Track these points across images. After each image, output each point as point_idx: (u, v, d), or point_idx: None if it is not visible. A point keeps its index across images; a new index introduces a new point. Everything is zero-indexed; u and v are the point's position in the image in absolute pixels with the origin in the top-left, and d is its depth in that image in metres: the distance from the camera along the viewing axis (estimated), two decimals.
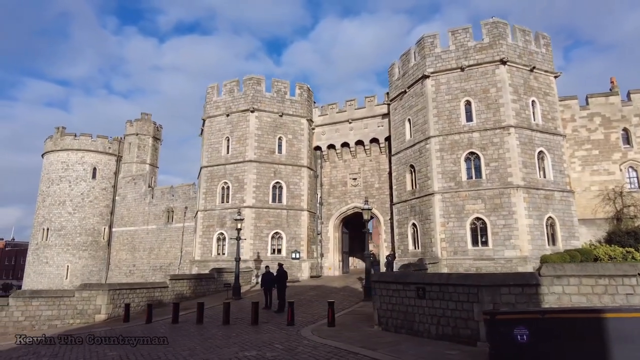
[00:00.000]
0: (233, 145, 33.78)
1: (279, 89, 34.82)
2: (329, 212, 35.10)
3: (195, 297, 24.49)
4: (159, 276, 42.15)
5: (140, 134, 51.82)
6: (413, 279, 12.40)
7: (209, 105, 35.78)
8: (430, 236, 26.05)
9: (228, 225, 32.27)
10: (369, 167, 34.30)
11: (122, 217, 48.24)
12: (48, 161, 49.68)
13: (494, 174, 24.90)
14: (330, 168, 35.91)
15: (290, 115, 34.57)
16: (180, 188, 44.76)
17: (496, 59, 25.95)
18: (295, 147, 34.29)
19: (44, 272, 46.11)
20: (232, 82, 35.16)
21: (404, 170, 29.44)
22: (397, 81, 31.38)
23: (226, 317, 15.88)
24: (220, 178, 33.64)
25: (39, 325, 17.95)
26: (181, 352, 11.31)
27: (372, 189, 33.65)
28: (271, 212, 32.35)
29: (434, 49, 28.08)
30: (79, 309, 18.66)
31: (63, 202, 47.55)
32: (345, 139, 34.80)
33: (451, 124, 26.57)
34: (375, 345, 10.60)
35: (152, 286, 22.25)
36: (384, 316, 13.12)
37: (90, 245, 47.46)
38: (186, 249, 41.80)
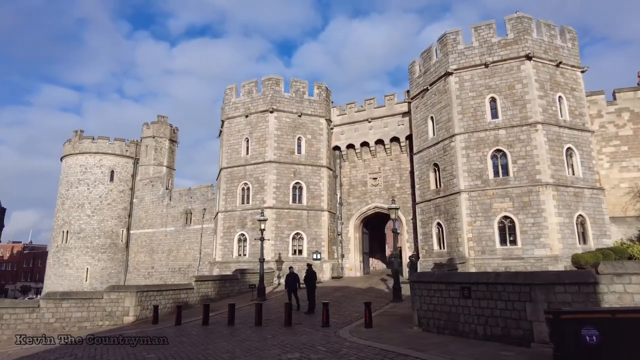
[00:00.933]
0: (252, 146, 33.66)
1: (298, 89, 34.63)
2: (349, 212, 34.78)
3: (220, 298, 24.37)
4: (178, 278, 42.23)
5: (157, 136, 52.05)
6: (457, 279, 12.06)
7: (227, 107, 35.73)
8: (456, 235, 25.60)
9: (249, 226, 32.15)
10: (389, 166, 33.92)
11: (140, 220, 48.42)
12: (67, 164, 50.10)
13: (521, 171, 24.38)
14: (349, 168, 35.60)
15: (309, 115, 34.36)
16: (198, 190, 44.79)
17: (521, 55, 25.45)
18: (315, 147, 34.06)
19: (64, 275, 46.44)
20: (250, 83, 35.08)
21: (427, 169, 29.02)
22: (418, 79, 30.98)
23: (258, 318, 15.66)
24: (240, 179, 33.53)
25: (69, 326, 17.91)
26: (221, 355, 11.09)
27: (393, 189, 33.25)
28: (292, 213, 32.14)
29: (456, 45, 27.65)
30: (107, 310, 18.60)
31: (82, 205, 47.89)
32: (365, 138, 34.48)
33: (476, 121, 26.11)
34: (422, 347, 10.28)
35: (178, 288, 22.15)
36: (425, 317, 12.78)
37: (109, 247, 47.72)
38: (205, 251, 41.79)
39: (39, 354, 13.19)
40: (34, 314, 17.60)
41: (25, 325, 17.41)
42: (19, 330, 17.29)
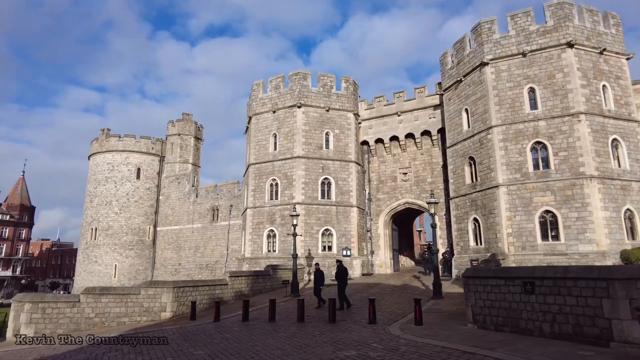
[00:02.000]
0: (280, 141, 33.35)
1: (325, 83, 34.15)
2: (378, 208, 34.16)
3: (253, 294, 24.12)
4: (205, 274, 42.32)
5: (182, 134, 52.30)
6: (519, 273, 11.40)
7: (254, 103, 35.48)
8: (495, 231, 24.75)
9: (278, 222, 31.88)
10: (420, 160, 33.17)
11: (167, 217, 48.73)
12: (94, 162, 50.77)
13: (563, 164, 23.39)
14: (378, 163, 34.97)
15: (337, 110, 33.84)
16: (224, 186, 44.78)
17: (562, 42, 24.40)
18: (343, 142, 33.53)
19: (93, 271, 47.10)
20: (277, 78, 34.75)
21: (462, 162, 28.19)
22: (451, 70, 30.13)
23: (300, 314, 15.28)
24: (268, 175, 33.27)
25: (108, 322, 17.91)
26: (272, 352, 10.71)
27: (425, 184, 32.51)
28: (321, 209, 31.72)
29: (492, 34, 26.72)
30: (145, 306, 18.51)
31: (109, 202, 48.46)
32: (394, 132, 33.78)
33: (514, 113, 25.18)
34: (487, 345, 9.69)
35: (214, 283, 21.97)
36: (480, 314, 12.18)
37: (137, 244, 48.18)
38: (232, 247, 41.74)
39: (84, 349, 13.07)
40: (74, 309, 17.64)
41: (67, 319, 17.47)
42: (61, 324, 17.37)
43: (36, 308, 17.31)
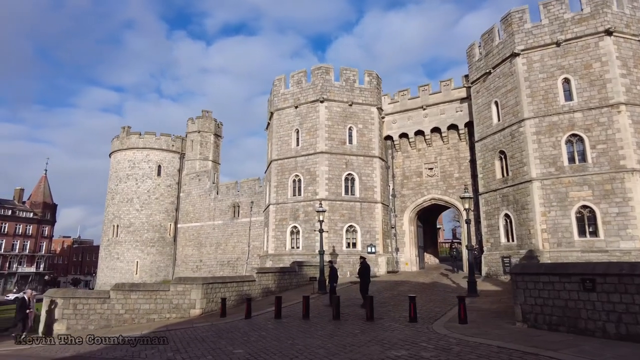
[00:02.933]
0: (303, 137, 32.92)
1: (348, 77, 33.58)
2: (403, 204, 33.50)
3: (280, 291, 23.72)
4: (227, 271, 42.24)
5: (202, 131, 52.30)
6: (576, 269, 10.73)
7: (276, 98, 35.12)
8: (528, 227, 23.93)
9: (301, 219, 31.50)
10: (446, 155, 32.40)
11: (187, 213, 48.81)
12: (115, 160, 51.09)
13: (601, 157, 22.44)
14: (402, 158, 34.29)
15: (360, 104, 33.26)
16: (245, 183, 44.60)
17: (600, 30, 23.41)
18: (366, 137, 32.95)
19: (115, 268, 47.44)
20: (299, 73, 34.31)
21: (492, 156, 27.37)
22: (479, 62, 29.28)
23: (336, 312, 14.80)
24: (291, 171, 32.89)
25: (138, 318, 17.69)
26: (315, 351, 10.26)
27: (452, 179, 31.74)
28: (344, 205, 31.22)
29: (523, 24, 25.82)
30: (174, 303, 18.25)
31: (131, 200, 48.72)
32: (419, 126, 33.06)
33: (548, 105, 24.28)
34: (548, 345, 9.08)
35: (242, 280, 21.66)
36: (531, 312, 11.54)
37: (158, 241, 48.37)
38: (253, 244, 41.55)
39: (119, 346, 12.83)
40: (105, 305, 17.47)
41: (97, 315, 17.31)
42: (92, 320, 17.22)
43: (68, 304, 17.18)
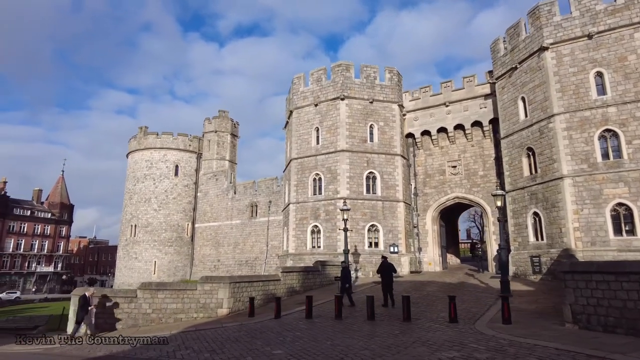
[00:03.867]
0: (323, 135, 32.54)
1: (368, 75, 33.12)
2: (426, 203, 32.90)
3: (304, 290, 23.38)
4: (245, 270, 42.03)
5: (219, 131, 52.25)
6: (633, 268, 10.15)
7: (295, 96, 34.79)
8: (558, 225, 23.21)
9: (322, 218, 31.11)
10: (470, 153, 31.73)
11: (205, 213, 48.77)
12: (133, 160, 51.27)
13: (638, 152, 21.64)
14: (424, 156, 33.69)
15: (381, 102, 32.76)
16: (263, 182, 44.37)
17: (635, 21, 22.59)
18: (387, 134, 32.43)
19: (133, 267, 47.56)
20: (319, 71, 33.95)
21: (519, 153, 26.68)
22: (504, 57, 28.59)
23: (370, 312, 14.38)
24: (311, 169, 32.53)
25: (165, 318, 17.46)
26: (360, 352, 9.87)
27: (476, 177, 31.07)
28: (366, 204, 30.74)
29: (551, 17, 25.09)
30: (201, 302, 17.98)
31: (148, 200, 48.83)
32: (442, 123, 32.43)
33: (579, 99, 23.54)
34: (611, 348, 8.57)
35: (267, 279, 21.33)
36: (583, 312, 10.99)
37: (175, 241, 48.40)
38: (272, 243, 41.29)
39: (158, 347, 12.57)
40: (132, 304, 17.28)
41: (125, 314, 17.13)
42: (119, 319, 17.03)
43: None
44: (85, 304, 15.42)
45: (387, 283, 17.55)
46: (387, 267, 17.97)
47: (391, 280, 17.72)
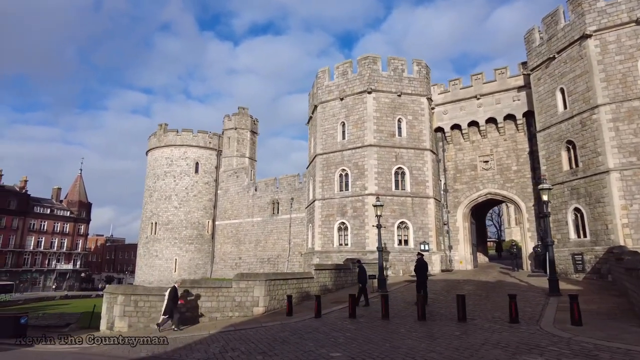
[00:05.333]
0: (349, 129, 31.75)
1: (396, 67, 32.21)
2: (456, 199, 31.90)
3: (336, 289, 22.71)
4: (267, 268, 41.46)
5: (239, 127, 51.76)
6: None
7: (320, 91, 34.04)
8: (604, 222, 22.09)
9: (349, 214, 30.34)
10: (503, 147, 30.64)
11: (226, 211, 48.33)
12: (153, 157, 51.05)
13: None
14: (454, 151, 32.68)
15: (409, 95, 31.83)
16: (284, 179, 43.74)
17: None
18: (416, 128, 31.50)
19: (154, 265, 47.34)
20: (344, 64, 33.16)
21: (558, 147, 25.56)
22: (540, 47, 27.45)
23: (421, 311, 13.57)
24: (337, 165, 31.77)
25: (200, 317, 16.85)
26: (426, 355, 9.10)
27: (509, 172, 29.99)
28: (395, 200, 29.86)
29: (595, 3, 23.91)
30: (237, 301, 17.35)
31: (169, 197, 48.55)
32: (473, 117, 31.39)
33: (626, 89, 22.37)
34: None
35: (301, 277, 20.65)
36: None
37: (196, 238, 48.06)
38: (294, 241, 40.65)
39: (185, 350, 11.95)
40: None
41: (158, 313, 16.52)
42: (153, 318, 16.45)
43: (129, 300, 16.52)
44: (175, 296, 15.25)
45: (422, 281, 17.03)
46: (424, 265, 17.45)
47: (425, 279, 17.21)
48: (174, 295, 15.30)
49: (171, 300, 15.16)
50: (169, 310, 15.12)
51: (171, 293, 15.38)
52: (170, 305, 15.13)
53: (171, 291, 15.46)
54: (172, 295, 15.30)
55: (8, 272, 67.44)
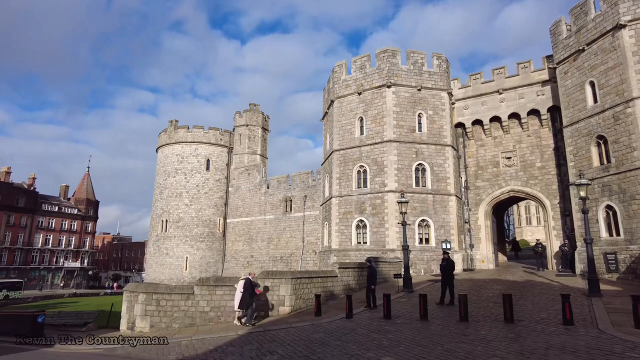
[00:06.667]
0: (368, 125, 30.95)
1: (415, 61, 31.37)
2: (478, 197, 31.04)
3: (359, 288, 21.89)
4: (280, 267, 40.77)
5: (250, 124, 51.06)
6: None
7: (337, 85, 33.26)
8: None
9: (368, 212, 29.56)
10: (526, 143, 29.74)
11: (237, 208, 47.66)
12: (163, 154, 50.44)
13: None
14: (476, 147, 31.81)
15: (429, 89, 30.99)
16: (297, 176, 42.99)
17: None
18: (437, 124, 30.66)
19: (164, 263, 46.75)
20: (362, 58, 32.36)
21: (587, 142, 24.67)
22: (567, 40, 26.55)
23: (464, 312, 12.79)
24: (354, 161, 30.99)
25: (224, 316, 16.15)
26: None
27: (533, 169, 29.10)
28: (415, 197, 29.03)
29: None
30: (262, 300, 16.60)
31: (180, 194, 47.94)
32: (495, 112, 30.52)
33: None
34: None
35: (325, 275, 19.91)
36: None
37: (207, 236, 47.43)
38: (308, 239, 39.92)
39: (218, 353, 11.23)
40: (189, 301, 16.03)
41: (182, 313, 15.90)
42: (176, 318, 15.83)
43: (150, 300, 15.86)
44: (252, 288, 14.79)
45: (449, 281, 16.58)
46: (452, 264, 17.01)
47: (452, 278, 16.87)
48: (251, 289, 14.65)
49: (248, 292, 14.53)
50: (246, 303, 14.50)
51: (247, 284, 14.70)
52: (247, 298, 14.50)
53: (246, 283, 14.78)
54: (249, 286, 14.64)
55: (17, 269, 67.19)
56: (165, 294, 16.05)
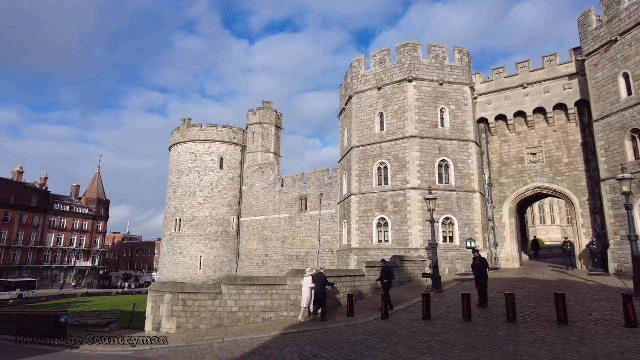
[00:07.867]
0: (388, 120, 30.23)
1: (437, 55, 30.61)
2: (502, 194, 30.20)
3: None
4: (296, 266, 40.08)
5: (264, 122, 50.50)
6: None
7: (355, 80, 32.58)
8: None
9: (390, 210, 28.84)
10: (552, 138, 28.87)
11: (251, 207, 47.13)
12: (176, 153, 50.06)
13: None
14: (499, 143, 30.96)
15: (452, 84, 30.20)
16: (313, 175, 42.35)
17: None
18: (460, 119, 29.87)
19: (178, 263, 46.34)
20: (382, 52, 31.64)
21: (620, 137, 23.76)
22: (598, 31, 25.65)
23: (512, 313, 12.07)
24: (375, 158, 30.28)
25: (253, 317, 15.55)
26: None
27: (560, 165, 28.22)
28: (439, 194, 28.04)
29: None
30: (291, 299, 15.98)
31: (193, 193, 47.51)
32: (520, 107, 29.66)
33: None
34: None
35: (353, 274, 19.27)
36: None
37: (221, 235, 46.95)
38: (324, 238, 39.27)
39: (252, 357, 10.61)
40: (216, 301, 15.44)
41: (209, 313, 15.31)
42: (203, 319, 15.25)
43: (177, 300, 15.28)
44: (326, 282, 14.45)
45: (483, 281, 15.77)
46: (485, 264, 16.26)
47: (486, 278, 15.96)
48: (324, 279, 14.21)
49: (323, 286, 14.10)
50: (320, 298, 14.08)
51: (319, 278, 14.27)
52: (322, 292, 14.09)
53: (319, 276, 14.37)
54: (323, 280, 14.17)
55: (29, 268, 67.21)
56: (192, 294, 15.47)
